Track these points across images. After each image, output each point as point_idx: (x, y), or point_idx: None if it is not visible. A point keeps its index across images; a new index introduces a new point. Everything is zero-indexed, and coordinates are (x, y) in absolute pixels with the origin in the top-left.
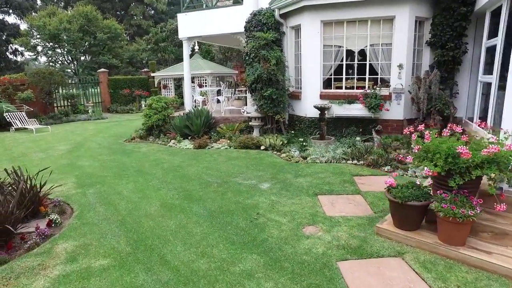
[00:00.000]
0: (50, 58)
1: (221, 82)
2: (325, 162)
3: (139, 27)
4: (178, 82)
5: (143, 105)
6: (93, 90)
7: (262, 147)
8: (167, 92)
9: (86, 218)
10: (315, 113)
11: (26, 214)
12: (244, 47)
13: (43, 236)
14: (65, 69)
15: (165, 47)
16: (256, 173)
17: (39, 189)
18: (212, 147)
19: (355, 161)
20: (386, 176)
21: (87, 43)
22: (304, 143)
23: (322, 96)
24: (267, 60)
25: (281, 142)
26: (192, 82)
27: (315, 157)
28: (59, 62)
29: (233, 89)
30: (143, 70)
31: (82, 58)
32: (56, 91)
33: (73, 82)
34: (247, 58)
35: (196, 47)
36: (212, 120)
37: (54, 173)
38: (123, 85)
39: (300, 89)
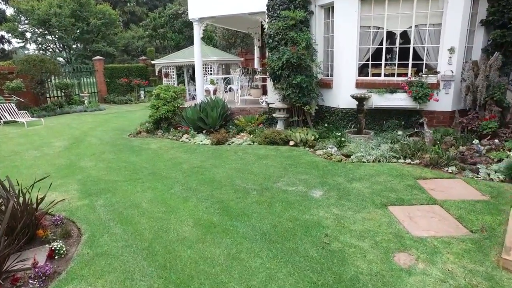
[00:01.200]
0: (40, 46)
1: (231, 70)
2: (373, 161)
3: (133, 14)
4: (179, 71)
5: (142, 95)
6: (87, 79)
7: (291, 143)
8: (169, 80)
9: (100, 244)
10: (350, 104)
11: (19, 243)
12: (264, 29)
13: (43, 278)
14: (57, 57)
15: (164, 33)
16: (299, 176)
17: (35, 206)
18: (232, 142)
19: (408, 160)
20: (455, 179)
21: (79, 29)
22: (343, 139)
23: (358, 85)
24: (296, 43)
25: (313, 137)
26: (194, 71)
27: (361, 155)
28: (50, 49)
29: (250, 77)
30: (140, 58)
31: (74, 46)
32: (49, 80)
33: (67, 71)
34: (270, 41)
35: None
36: (228, 111)
37: (52, 177)
38: (120, 74)
39: (331, 76)
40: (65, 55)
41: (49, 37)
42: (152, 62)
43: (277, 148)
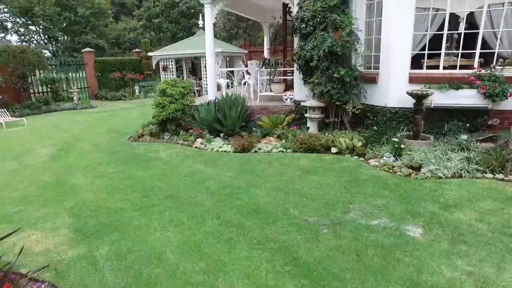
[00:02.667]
0: (22, 37)
1: (241, 62)
2: (452, 177)
3: (123, 6)
4: (177, 64)
5: (136, 91)
6: (76, 74)
7: (334, 150)
8: (167, 74)
9: None
10: (401, 102)
11: None
12: (290, 12)
13: None
14: (42, 50)
15: (159, 24)
16: (372, 201)
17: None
18: (259, 149)
19: (498, 175)
20: None
21: (66, 19)
22: (401, 145)
23: (413, 79)
24: (339, 28)
25: (360, 143)
26: (193, 64)
27: (435, 169)
28: (34, 41)
29: (271, 70)
30: (134, 50)
31: (61, 38)
32: (32, 74)
33: (53, 64)
34: (303, 26)
35: (200, 22)
36: (248, 110)
37: (33, 203)
38: (113, 67)
39: (375, 69)
40: (51, 48)
41: (32, 27)
42: (149, 54)
43: (320, 158)
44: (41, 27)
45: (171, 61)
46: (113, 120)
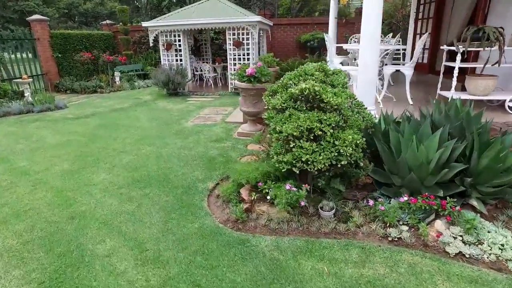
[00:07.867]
0: None
1: (383, 40)
2: None
3: None
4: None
5: (117, 79)
6: (18, 55)
7: None
8: (171, 56)
9: None
10: None
11: None
12: None
13: None
14: None
15: None
16: None
17: None
18: None
19: None
20: None
21: None
22: None
23: None
24: None
25: None
26: (196, 40)
27: None
28: None
29: (491, 47)
30: (104, 22)
31: None
32: None
33: None
34: None
35: None
36: None
37: None
38: (78, 45)
39: None
40: None
41: None
42: (143, 24)
43: None
44: None
45: (178, 35)
46: (121, 139)
